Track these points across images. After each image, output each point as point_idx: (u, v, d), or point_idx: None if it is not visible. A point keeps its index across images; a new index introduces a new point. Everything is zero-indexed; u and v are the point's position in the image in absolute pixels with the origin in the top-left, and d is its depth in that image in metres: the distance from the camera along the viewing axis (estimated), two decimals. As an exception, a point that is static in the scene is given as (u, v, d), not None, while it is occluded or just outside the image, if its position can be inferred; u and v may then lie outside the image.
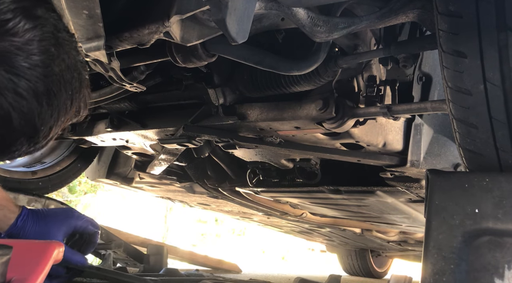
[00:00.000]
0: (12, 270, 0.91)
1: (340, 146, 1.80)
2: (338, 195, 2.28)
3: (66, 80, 0.70)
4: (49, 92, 0.68)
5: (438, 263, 1.04)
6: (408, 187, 2.01)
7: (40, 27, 0.65)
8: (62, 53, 0.69)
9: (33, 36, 0.64)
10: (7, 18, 0.62)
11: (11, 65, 0.62)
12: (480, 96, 1.08)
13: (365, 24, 1.28)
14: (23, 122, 0.66)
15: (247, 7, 0.97)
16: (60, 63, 0.68)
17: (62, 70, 0.69)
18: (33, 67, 0.64)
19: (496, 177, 1.07)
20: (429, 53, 1.75)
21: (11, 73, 0.62)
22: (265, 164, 2.27)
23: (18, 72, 0.63)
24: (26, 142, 0.71)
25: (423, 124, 1.82)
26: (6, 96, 0.63)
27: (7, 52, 0.62)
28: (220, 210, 3.61)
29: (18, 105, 0.64)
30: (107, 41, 1.09)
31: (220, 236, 13.74)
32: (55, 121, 0.72)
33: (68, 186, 6.57)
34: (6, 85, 0.62)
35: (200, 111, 1.78)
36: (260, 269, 5.28)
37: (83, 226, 1.34)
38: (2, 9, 0.62)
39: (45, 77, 0.66)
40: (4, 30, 0.61)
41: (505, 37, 1.02)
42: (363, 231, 3.60)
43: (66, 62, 0.70)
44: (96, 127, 2.11)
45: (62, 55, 0.69)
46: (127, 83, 1.41)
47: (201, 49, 1.30)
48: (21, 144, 0.71)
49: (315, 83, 1.53)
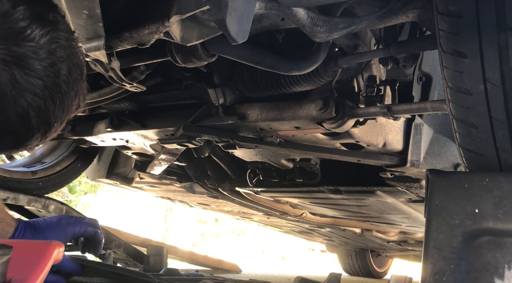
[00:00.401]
0: (12, 270, 0.91)
1: (340, 146, 1.80)
2: (338, 195, 2.28)
3: (73, 79, 0.76)
4: (61, 91, 0.73)
5: (438, 263, 1.04)
6: (408, 187, 2.01)
7: (52, 31, 0.70)
8: (70, 54, 0.74)
9: (47, 40, 0.69)
10: (24, 26, 0.67)
11: (29, 68, 0.67)
12: (480, 96, 1.08)
13: (365, 24, 1.28)
14: (40, 120, 0.72)
15: (247, 7, 0.97)
16: (69, 63, 0.74)
17: (70, 70, 0.74)
18: (47, 69, 0.70)
19: (496, 177, 1.07)
20: (429, 53, 1.75)
21: (29, 76, 0.68)
22: (265, 164, 2.27)
23: (35, 74, 0.68)
24: (40, 137, 0.76)
25: (423, 124, 1.82)
26: (26, 97, 0.68)
27: (24, 56, 0.67)
28: (220, 210, 3.61)
29: (36, 105, 0.70)
30: (107, 41, 1.09)
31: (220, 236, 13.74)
32: (66, 116, 0.79)
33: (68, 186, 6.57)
34: (26, 87, 0.68)
35: (200, 111, 1.78)
36: (260, 269, 5.28)
37: (81, 230, 1.34)
38: (18, 17, 0.66)
39: (57, 77, 0.71)
40: (23, 37, 0.66)
41: (505, 37, 1.02)
42: (363, 231, 3.60)
43: (73, 62, 0.75)
44: (96, 127, 2.11)
45: (70, 55, 0.74)
46: (127, 83, 1.41)
47: (201, 49, 1.30)
48: (36, 139, 0.76)
49: (315, 83, 1.53)
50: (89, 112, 2.06)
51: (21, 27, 0.66)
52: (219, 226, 13.75)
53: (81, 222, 1.35)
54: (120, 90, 1.65)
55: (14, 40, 0.66)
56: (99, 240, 1.38)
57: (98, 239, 1.38)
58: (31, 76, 0.67)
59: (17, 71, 0.66)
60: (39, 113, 0.71)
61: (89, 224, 1.36)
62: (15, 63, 0.66)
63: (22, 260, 1.01)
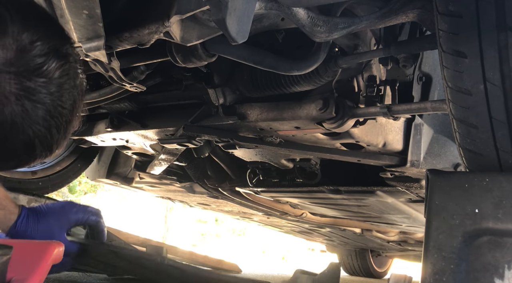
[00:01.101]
0: (12, 270, 0.91)
1: (340, 146, 1.80)
2: (338, 195, 2.28)
3: (77, 106, 0.79)
4: (67, 121, 0.77)
5: (438, 263, 1.04)
6: (408, 187, 2.01)
7: (64, 64, 0.73)
8: (78, 83, 0.78)
9: (59, 74, 0.72)
10: (40, 62, 0.69)
11: (39, 101, 0.70)
12: (480, 96, 1.08)
13: (365, 24, 1.28)
14: (43, 148, 0.76)
15: (247, 7, 0.97)
16: (74, 93, 0.77)
17: (75, 98, 0.77)
18: (55, 101, 0.72)
19: (496, 177, 1.07)
20: (429, 53, 1.75)
21: (38, 108, 0.71)
22: (265, 164, 2.27)
23: (44, 107, 0.71)
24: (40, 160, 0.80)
25: (423, 124, 1.82)
26: (33, 127, 0.71)
27: (36, 91, 0.69)
28: (220, 210, 3.61)
29: (41, 135, 0.73)
30: (107, 41, 1.09)
31: (220, 236, 13.75)
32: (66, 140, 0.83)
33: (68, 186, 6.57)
34: (35, 119, 0.71)
35: (200, 111, 1.78)
36: (260, 269, 5.28)
37: (84, 218, 1.35)
38: (36, 53, 0.69)
39: (63, 108, 0.75)
40: (37, 73, 0.69)
41: (505, 37, 1.02)
42: (363, 231, 3.60)
43: (78, 90, 0.78)
44: (96, 127, 2.11)
45: (76, 85, 0.77)
46: (127, 83, 1.41)
47: (201, 49, 1.30)
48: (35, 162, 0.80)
49: (315, 83, 1.53)
50: (89, 112, 2.06)
51: (37, 63, 0.69)
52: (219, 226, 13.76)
53: (84, 210, 1.36)
54: (120, 90, 1.65)
55: (28, 76, 0.68)
56: (101, 229, 1.39)
57: (99, 228, 1.38)
58: (40, 108, 0.71)
59: (28, 105, 0.69)
60: (44, 142, 0.75)
61: (92, 213, 1.36)
62: (27, 97, 0.69)
63: (22, 260, 1.01)
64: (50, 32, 0.73)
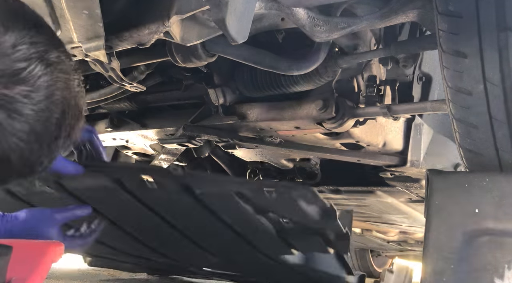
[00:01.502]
0: (12, 270, 0.91)
1: (340, 146, 1.80)
2: (338, 195, 2.28)
3: (68, 122, 0.70)
4: (51, 137, 0.68)
5: (438, 263, 1.04)
6: (408, 187, 2.01)
7: (50, 73, 0.65)
8: (67, 96, 0.69)
9: (43, 82, 0.64)
10: (20, 67, 0.62)
11: (16, 112, 0.62)
12: (480, 96, 1.08)
13: (365, 24, 1.28)
14: (22, 164, 0.67)
15: (247, 7, 0.97)
16: (64, 107, 0.68)
17: (64, 113, 0.69)
18: (38, 113, 0.64)
19: (496, 177, 1.07)
20: (429, 53, 1.75)
21: (15, 120, 0.63)
22: (265, 164, 2.27)
23: (22, 119, 0.63)
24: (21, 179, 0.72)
25: (423, 124, 1.82)
26: (8, 140, 0.63)
27: (13, 99, 0.62)
28: (220, 210, 3.60)
29: (19, 149, 0.65)
30: (107, 41, 1.09)
31: (220, 236, 13.72)
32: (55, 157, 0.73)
33: (68, 186, 6.55)
34: (10, 131, 0.63)
35: (200, 111, 1.78)
36: (260, 269, 5.27)
37: None
38: (17, 57, 0.61)
39: (48, 122, 0.66)
40: (16, 79, 0.61)
41: (505, 37, 1.02)
42: (363, 231, 3.60)
43: (70, 103, 0.69)
44: (96, 127, 2.11)
45: (67, 98, 0.69)
46: (127, 83, 1.41)
47: (201, 49, 1.30)
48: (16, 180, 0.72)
49: (315, 83, 1.53)
50: (89, 112, 2.06)
51: (17, 68, 0.62)
52: (219, 226, 13.73)
53: None
54: (120, 90, 1.65)
55: (5, 83, 0.61)
56: (96, 146, 1.25)
57: (95, 145, 1.25)
58: (17, 120, 0.63)
59: (1, 115, 0.61)
60: (22, 158, 0.66)
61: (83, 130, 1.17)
62: (3, 106, 0.61)
63: (22, 260, 1.01)
64: (38, 37, 0.65)
